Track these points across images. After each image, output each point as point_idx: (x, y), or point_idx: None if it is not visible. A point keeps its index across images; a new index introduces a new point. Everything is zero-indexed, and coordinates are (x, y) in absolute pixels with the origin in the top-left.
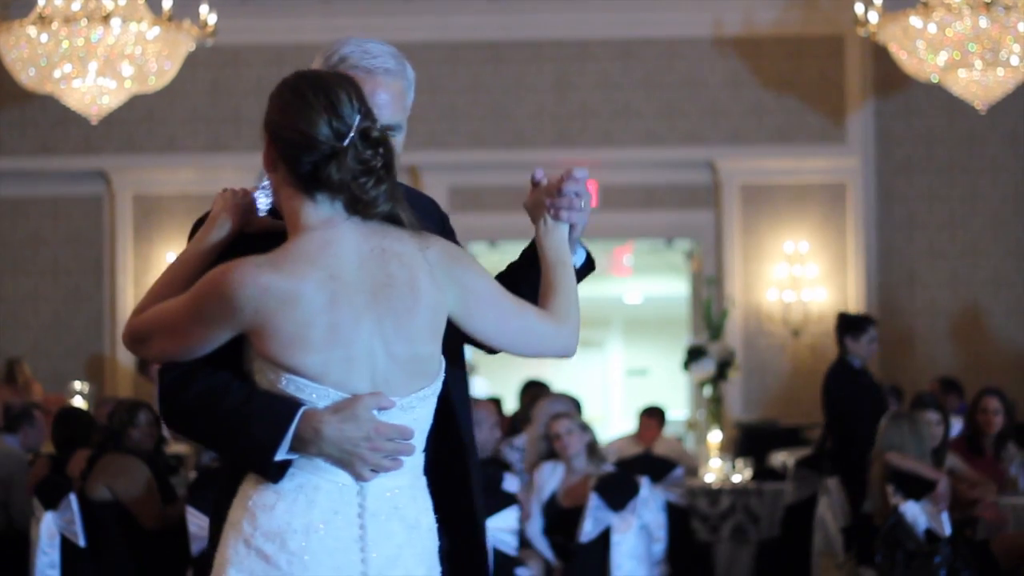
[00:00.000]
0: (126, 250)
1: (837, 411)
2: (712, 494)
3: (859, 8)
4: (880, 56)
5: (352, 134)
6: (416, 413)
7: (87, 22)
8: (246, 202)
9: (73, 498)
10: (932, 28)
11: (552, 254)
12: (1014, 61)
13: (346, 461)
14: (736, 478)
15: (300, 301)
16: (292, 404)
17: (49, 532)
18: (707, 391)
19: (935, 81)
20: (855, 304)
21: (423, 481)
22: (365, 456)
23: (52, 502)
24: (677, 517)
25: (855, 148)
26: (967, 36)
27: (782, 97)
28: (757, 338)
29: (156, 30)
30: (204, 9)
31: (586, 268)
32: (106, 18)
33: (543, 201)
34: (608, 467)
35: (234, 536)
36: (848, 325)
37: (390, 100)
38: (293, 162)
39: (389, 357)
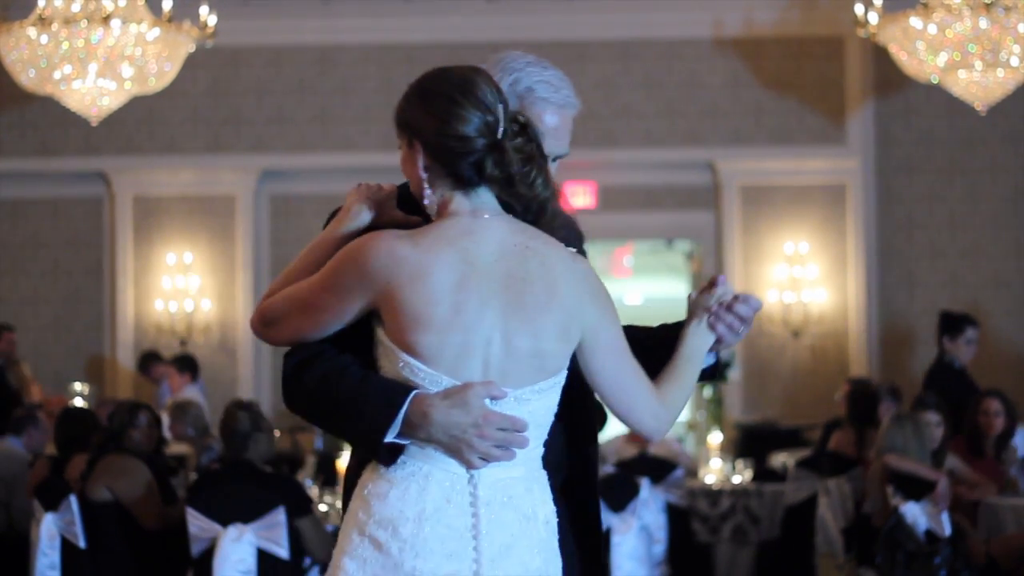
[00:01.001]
0: (126, 251)
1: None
2: (712, 495)
3: (859, 9)
4: (880, 57)
5: (503, 125)
6: (532, 406)
7: (87, 23)
8: (381, 196)
9: (73, 499)
10: (932, 29)
11: (689, 351)
12: (1014, 62)
13: (455, 448)
14: (736, 479)
15: (430, 277)
16: (404, 388)
17: (49, 533)
18: (707, 392)
19: (935, 82)
20: (855, 305)
21: (542, 475)
22: (473, 443)
23: (52, 503)
24: (677, 518)
25: (855, 149)
26: (967, 37)
27: (782, 98)
28: (757, 339)
29: (156, 31)
30: (204, 10)
31: (710, 374)
32: (106, 19)
33: (709, 306)
34: (607, 469)
35: (350, 525)
36: (947, 325)
37: (568, 131)
38: (453, 165)
39: (508, 349)
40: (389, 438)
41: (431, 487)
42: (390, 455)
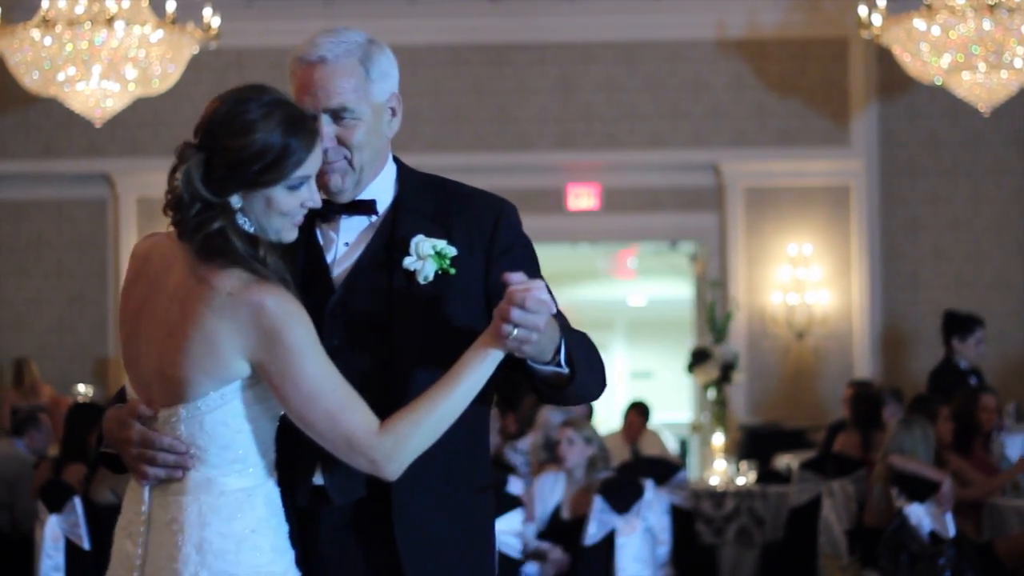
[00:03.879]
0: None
1: None
2: (716, 497)
3: (863, 11)
4: (884, 58)
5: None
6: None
7: (91, 25)
8: None
9: (78, 501)
10: (936, 30)
11: (460, 364)
12: (1018, 63)
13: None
14: (740, 481)
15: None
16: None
17: (54, 535)
18: (711, 394)
19: (939, 83)
20: (859, 307)
21: (213, 498)
22: (130, 462)
23: (57, 505)
24: (681, 520)
25: (859, 150)
26: (971, 39)
27: (786, 99)
28: (761, 341)
29: (160, 33)
30: (207, 12)
31: (563, 379)
32: (110, 21)
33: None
34: (607, 473)
35: None
36: (955, 326)
37: (331, 85)
38: None
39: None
40: (102, 448)
41: (126, 503)
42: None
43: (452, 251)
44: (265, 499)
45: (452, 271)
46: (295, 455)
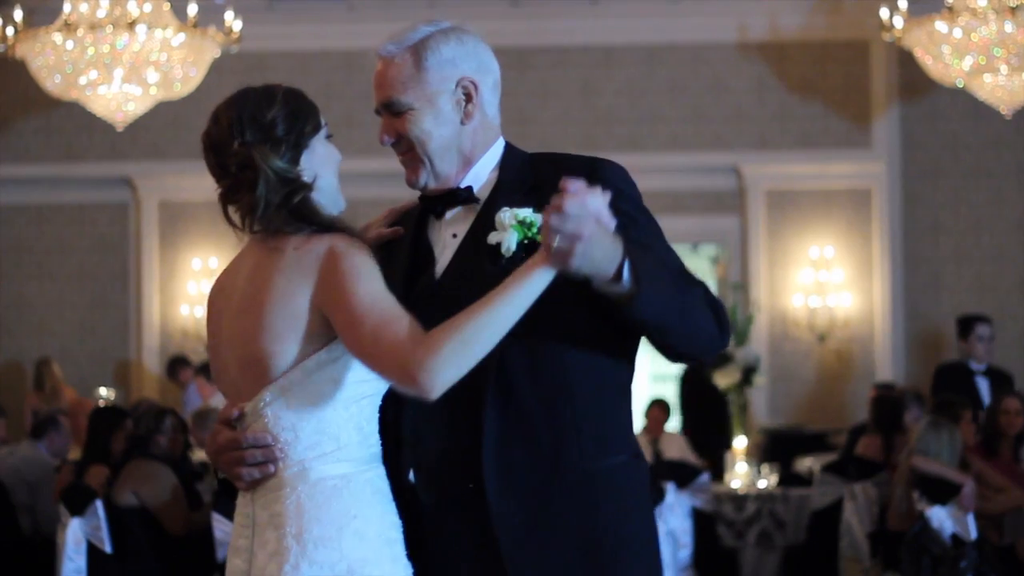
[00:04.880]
0: (152, 256)
1: None
2: (738, 500)
3: (884, 13)
4: (905, 61)
5: None
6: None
7: (113, 29)
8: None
9: (99, 504)
10: (957, 33)
11: (507, 280)
12: None
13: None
14: (762, 484)
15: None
16: None
17: (76, 538)
18: (733, 397)
19: (960, 86)
20: (880, 308)
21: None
22: (220, 467)
23: (78, 508)
24: (703, 523)
25: (880, 153)
26: (992, 41)
27: (807, 102)
28: (783, 343)
29: (181, 37)
30: (229, 16)
31: (625, 298)
32: (131, 25)
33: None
34: None
35: None
36: (958, 326)
37: (380, 80)
38: None
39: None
40: (219, 475)
41: (235, 523)
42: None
43: (538, 218)
44: (369, 486)
45: (539, 239)
46: (389, 453)
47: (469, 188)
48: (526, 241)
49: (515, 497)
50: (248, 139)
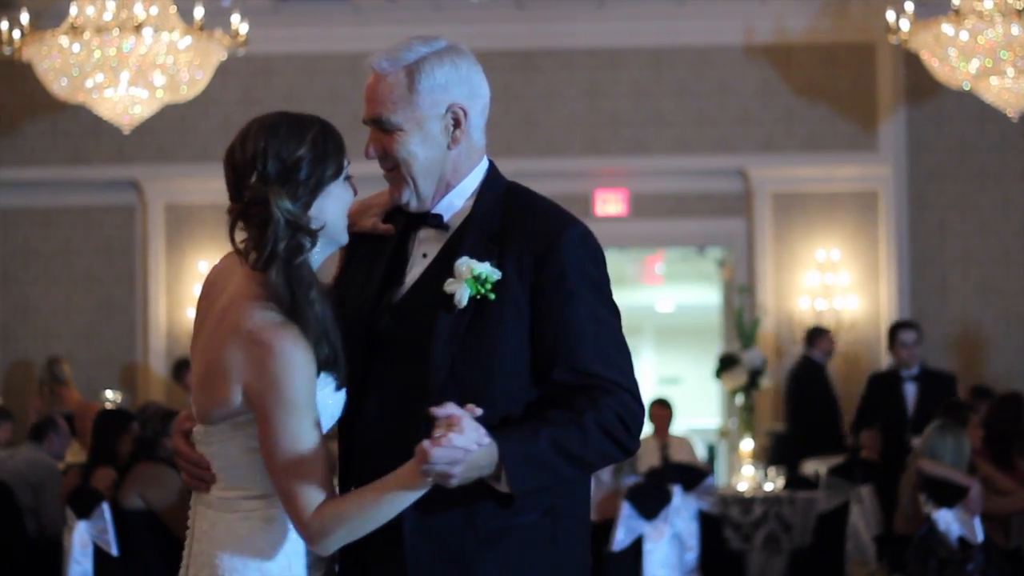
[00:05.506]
0: (158, 259)
1: None
2: (744, 502)
3: (891, 16)
4: (912, 63)
5: None
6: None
7: (119, 32)
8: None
9: (106, 507)
10: (964, 35)
11: (391, 479)
12: None
13: None
14: (768, 486)
15: None
16: None
17: (82, 541)
18: (739, 399)
19: (967, 88)
20: (887, 312)
21: (224, 515)
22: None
23: (85, 511)
24: (709, 525)
25: (887, 156)
26: (999, 43)
27: (814, 105)
28: (789, 346)
29: (188, 40)
30: (236, 19)
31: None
32: (138, 28)
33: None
34: (636, 478)
35: None
36: (887, 335)
37: (371, 94)
38: None
39: None
40: None
41: None
42: None
43: (495, 275)
44: (289, 531)
45: (491, 296)
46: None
47: (439, 216)
48: (478, 296)
49: (432, 551)
50: (268, 173)
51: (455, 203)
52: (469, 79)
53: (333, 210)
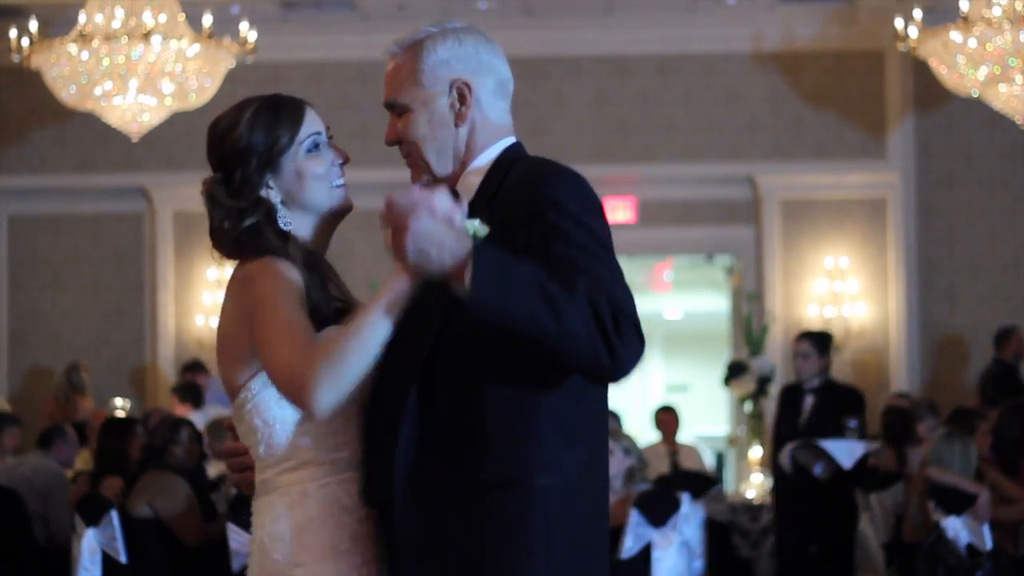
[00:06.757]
0: (167, 267)
1: None
2: (753, 510)
3: (899, 23)
4: (920, 71)
5: None
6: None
7: (128, 40)
8: None
9: (115, 515)
10: (972, 43)
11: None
12: None
13: None
14: None
15: None
16: None
17: (91, 549)
18: (748, 407)
19: (975, 96)
20: (895, 318)
21: (269, 497)
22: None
23: (94, 519)
24: (718, 533)
25: (895, 163)
26: (1007, 51)
27: (822, 112)
28: None
29: (196, 47)
30: (244, 26)
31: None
32: (146, 36)
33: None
34: (645, 485)
35: None
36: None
37: (387, 80)
38: None
39: None
40: None
41: None
42: None
43: (483, 231)
44: (326, 497)
45: None
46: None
47: (455, 194)
48: None
49: (419, 508)
50: (217, 167)
51: (471, 180)
52: (476, 54)
53: (299, 179)
